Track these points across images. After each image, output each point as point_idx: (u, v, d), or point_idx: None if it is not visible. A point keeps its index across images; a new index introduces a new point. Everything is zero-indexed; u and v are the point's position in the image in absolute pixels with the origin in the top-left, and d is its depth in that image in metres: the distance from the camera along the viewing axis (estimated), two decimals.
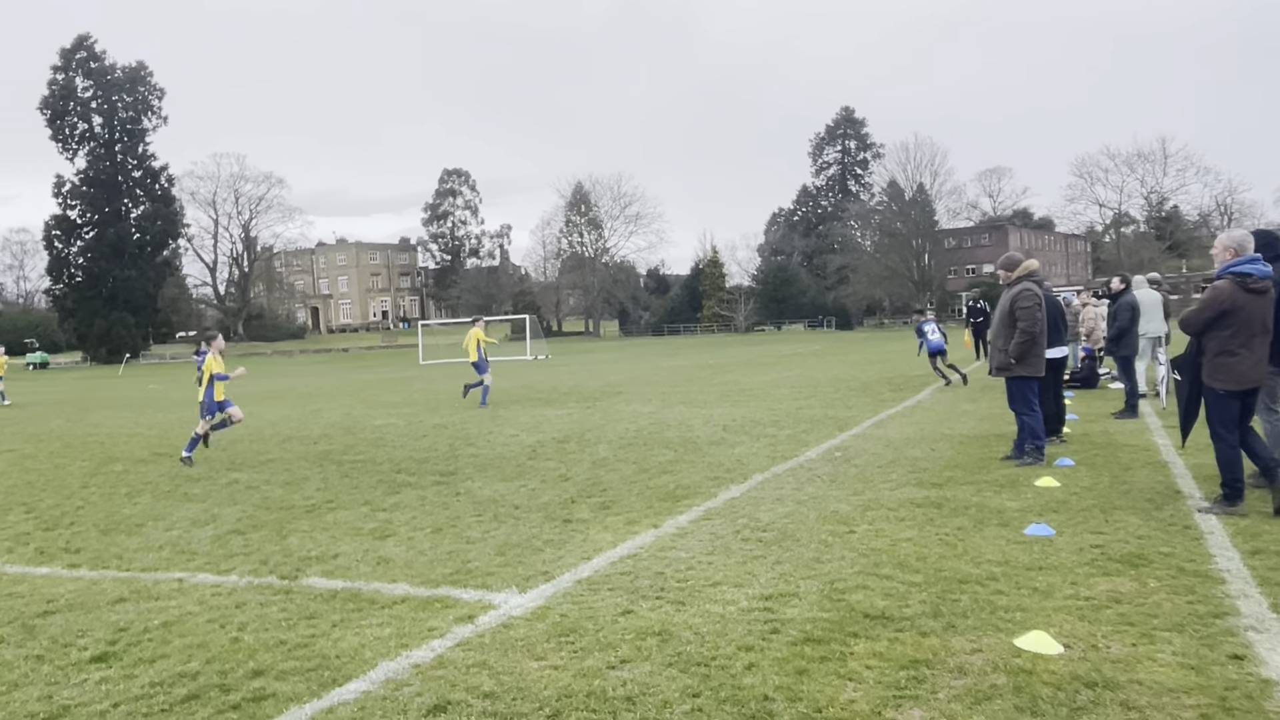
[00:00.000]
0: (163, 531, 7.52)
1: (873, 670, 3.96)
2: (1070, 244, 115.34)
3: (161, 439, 14.81)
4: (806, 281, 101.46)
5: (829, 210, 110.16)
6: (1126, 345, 12.65)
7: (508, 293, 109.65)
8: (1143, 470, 8.32)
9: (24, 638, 4.91)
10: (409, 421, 15.83)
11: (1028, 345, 8.90)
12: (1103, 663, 3.94)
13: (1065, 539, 6.00)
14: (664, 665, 4.11)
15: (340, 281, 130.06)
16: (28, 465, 12.19)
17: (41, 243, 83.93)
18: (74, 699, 4.03)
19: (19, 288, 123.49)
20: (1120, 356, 12.78)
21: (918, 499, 7.46)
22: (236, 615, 5.13)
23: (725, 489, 8.30)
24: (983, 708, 3.56)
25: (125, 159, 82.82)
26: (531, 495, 8.39)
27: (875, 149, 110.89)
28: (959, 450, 9.93)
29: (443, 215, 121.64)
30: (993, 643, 4.22)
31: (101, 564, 6.51)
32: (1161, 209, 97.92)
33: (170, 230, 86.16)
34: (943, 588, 5.06)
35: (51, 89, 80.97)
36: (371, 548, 6.60)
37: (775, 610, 4.80)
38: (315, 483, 9.62)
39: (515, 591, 5.36)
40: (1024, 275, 9.19)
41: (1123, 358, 12.72)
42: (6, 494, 9.82)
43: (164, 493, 9.43)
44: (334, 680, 4.11)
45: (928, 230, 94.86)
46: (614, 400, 18.61)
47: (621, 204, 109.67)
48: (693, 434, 12.35)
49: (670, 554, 6.06)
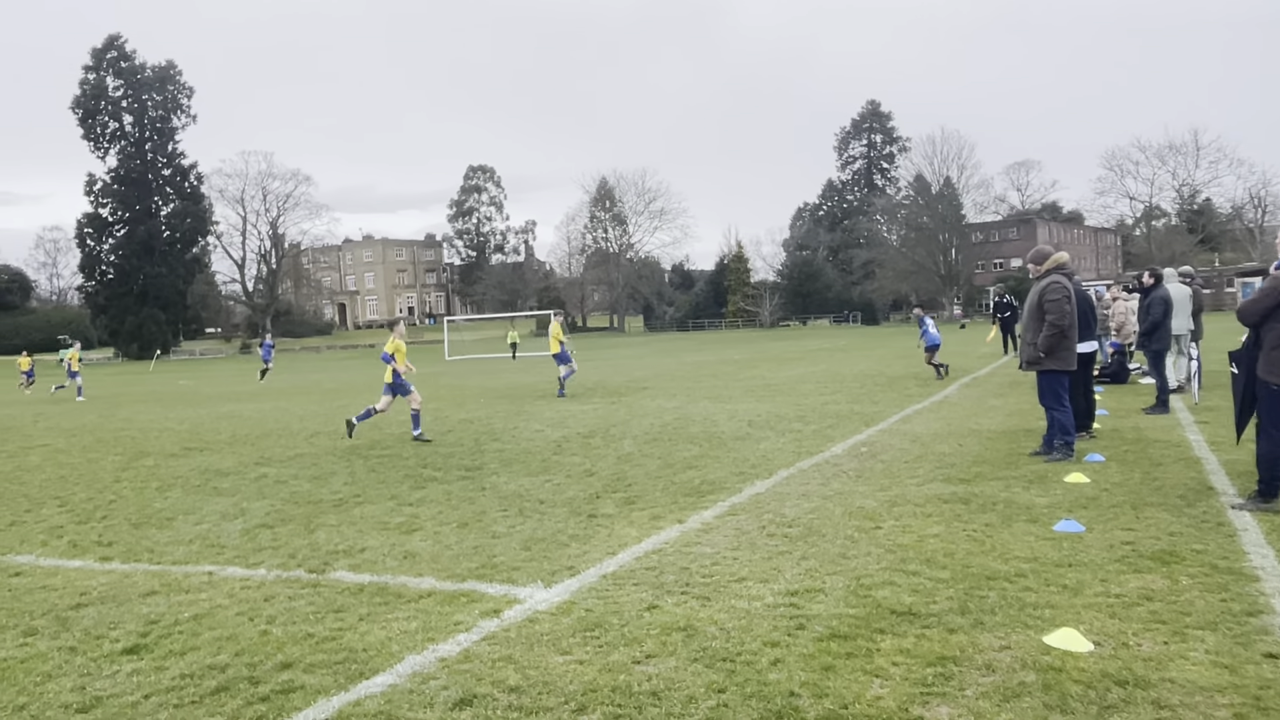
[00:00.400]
0: (193, 525, 7.61)
1: (900, 667, 3.94)
2: (1100, 238, 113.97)
3: (192, 434, 14.98)
4: (832, 276, 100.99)
5: (855, 204, 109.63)
6: (1159, 340, 12.46)
7: (532, 289, 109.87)
8: (1174, 466, 8.21)
9: (58, 629, 4.98)
10: (434, 417, 15.90)
11: (1057, 339, 8.80)
12: (1134, 661, 3.89)
13: (1095, 535, 5.94)
14: (689, 660, 4.11)
15: (367, 278, 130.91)
16: (61, 460, 12.37)
17: (74, 240, 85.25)
18: (106, 690, 4.08)
19: (53, 285, 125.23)
20: (1152, 351, 12.60)
21: (945, 495, 7.40)
22: (265, 608, 5.18)
23: (750, 484, 8.28)
24: (1011, 705, 3.52)
25: (155, 157, 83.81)
26: (557, 490, 8.41)
27: (901, 143, 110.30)
28: (987, 446, 9.85)
29: (468, 211, 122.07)
30: (1021, 640, 4.17)
31: (133, 557, 6.59)
32: (1193, 202, 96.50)
33: (199, 227, 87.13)
34: (970, 584, 5.02)
35: (83, 89, 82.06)
36: (398, 542, 6.64)
37: (801, 606, 4.78)
38: (342, 477, 9.69)
39: (540, 586, 5.37)
40: (1053, 268, 9.09)
41: (1154, 352, 12.54)
42: (41, 488, 9.97)
43: (194, 487, 9.54)
44: (361, 673, 4.14)
45: (954, 224, 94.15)
46: (639, 395, 18.61)
47: (646, 199, 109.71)
48: (718, 429, 12.32)
49: (695, 549, 6.05)
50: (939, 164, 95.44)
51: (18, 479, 10.73)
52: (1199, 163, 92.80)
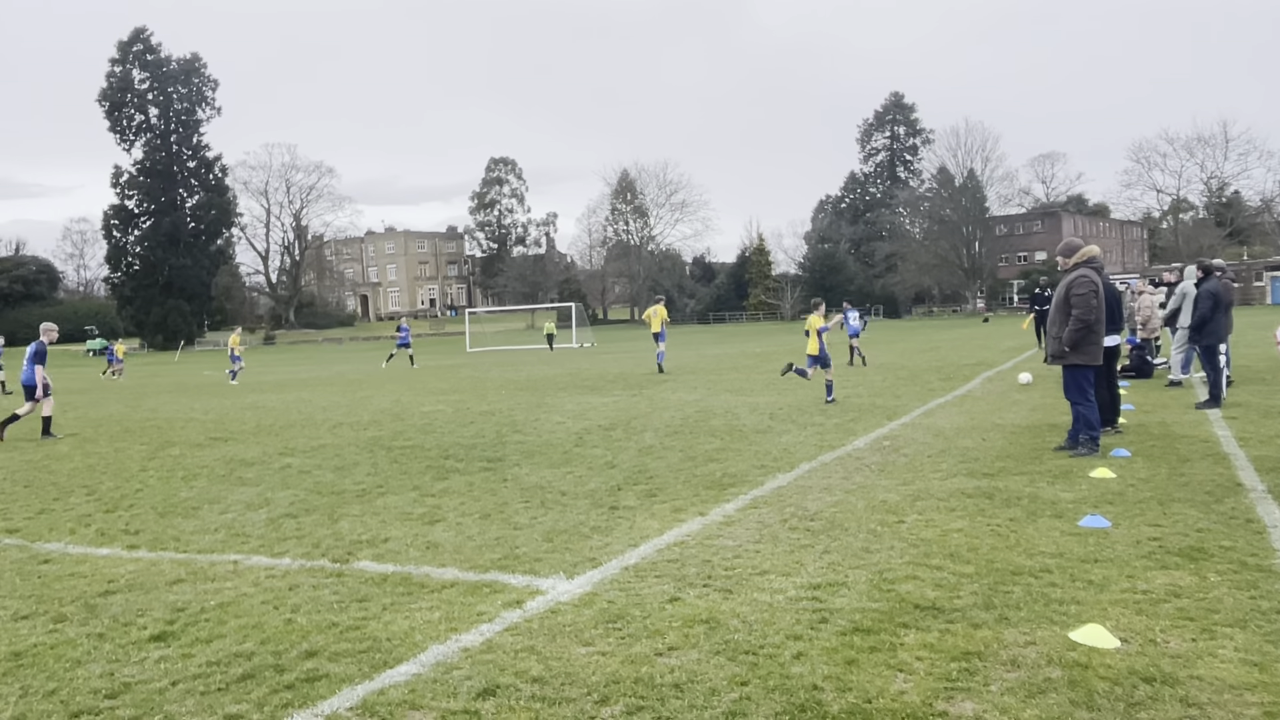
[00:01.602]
0: (218, 514, 7.68)
1: (923, 661, 3.92)
2: (1126, 230, 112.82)
3: (217, 424, 15.11)
4: (854, 269, 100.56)
5: (877, 197, 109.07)
6: (1209, 335, 12.20)
7: (553, 280, 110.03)
8: (1202, 462, 8.12)
9: (86, 616, 5.05)
10: (456, 408, 15.97)
11: (1082, 333, 8.71)
12: (1161, 658, 3.86)
13: (1121, 531, 5.88)
14: (711, 653, 4.10)
15: (389, 270, 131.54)
16: (88, 449, 12.52)
17: (100, 232, 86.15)
18: (134, 677, 4.13)
19: (79, 276, 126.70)
20: (1203, 346, 12.35)
21: (969, 489, 7.36)
22: (290, 597, 5.22)
23: (772, 477, 8.26)
24: (1036, 701, 3.50)
25: (180, 150, 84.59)
26: (578, 482, 8.42)
27: (925, 135, 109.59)
28: (1011, 440, 9.78)
29: (490, 204, 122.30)
30: (1047, 636, 4.14)
31: (160, 545, 6.66)
32: (1222, 194, 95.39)
33: (224, 219, 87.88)
34: (995, 579, 4.98)
35: (109, 81, 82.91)
36: (421, 533, 6.67)
37: (824, 600, 4.76)
38: (365, 468, 9.75)
39: (563, 578, 5.38)
40: (1082, 261, 8.99)
41: (1206, 347, 12.29)
42: (69, 477, 10.09)
43: (219, 476, 9.63)
44: (385, 662, 4.16)
45: (978, 217, 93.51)
46: (660, 388, 18.60)
47: (667, 192, 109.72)
48: (739, 422, 12.30)
49: (717, 542, 6.04)
50: (963, 156, 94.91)
51: (46, 468, 10.86)
52: (1228, 155, 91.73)
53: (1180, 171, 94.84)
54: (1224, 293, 12.36)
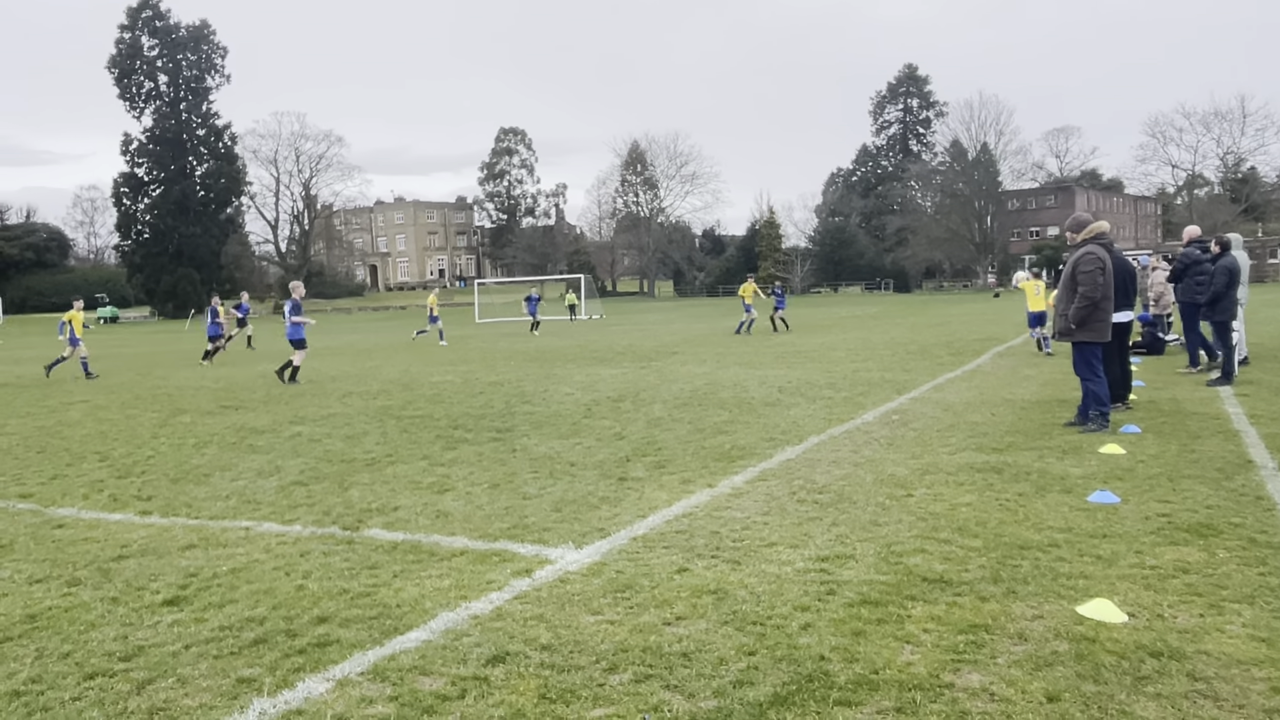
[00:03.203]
0: (229, 481, 7.73)
1: (930, 634, 3.93)
2: (1140, 206, 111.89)
3: (227, 392, 15.18)
4: (864, 243, 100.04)
5: (889, 170, 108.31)
6: (1222, 310, 12.08)
7: (563, 252, 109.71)
8: (1213, 439, 8.10)
9: (100, 580, 5.10)
10: (465, 379, 16.00)
11: (1088, 310, 8.65)
12: (1168, 633, 3.86)
13: (1130, 507, 5.88)
14: (719, 623, 4.13)
15: (398, 240, 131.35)
16: (100, 416, 12.59)
17: (110, 200, 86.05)
18: (148, 640, 4.17)
19: (90, 244, 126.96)
20: (1216, 322, 12.25)
21: (977, 464, 7.35)
22: (301, 564, 5.26)
23: (781, 450, 8.27)
24: (1043, 674, 3.51)
25: (190, 117, 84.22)
26: (587, 453, 8.44)
27: (938, 107, 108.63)
28: (1020, 415, 9.76)
29: (499, 174, 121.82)
30: (1054, 610, 4.15)
31: (172, 511, 6.71)
32: (1238, 170, 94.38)
33: (233, 188, 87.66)
34: (1003, 553, 4.99)
35: (119, 48, 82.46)
36: (430, 501, 6.71)
37: (831, 572, 4.78)
38: (375, 437, 9.79)
39: (571, 547, 5.41)
40: (1090, 237, 8.92)
41: (1219, 323, 12.19)
42: (81, 443, 10.16)
43: (230, 444, 9.68)
44: (395, 629, 4.20)
45: (991, 191, 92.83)
46: (669, 360, 18.60)
47: (678, 163, 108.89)
48: (748, 395, 12.30)
49: (725, 514, 6.06)
50: (976, 129, 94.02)
51: (59, 434, 10.94)
52: (1245, 130, 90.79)
53: (1196, 147, 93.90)
54: (1238, 269, 12.25)
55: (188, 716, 3.41)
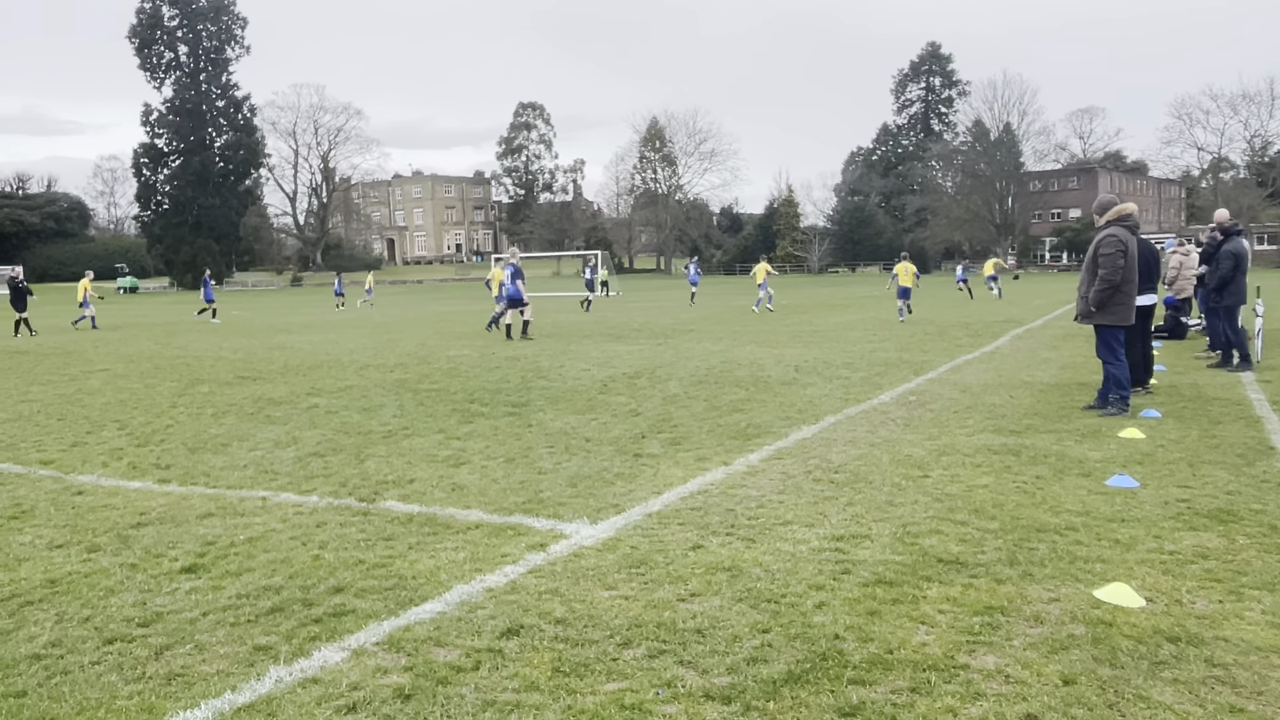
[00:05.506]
0: (247, 451, 7.78)
1: (946, 615, 3.92)
2: (1164, 189, 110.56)
3: (245, 363, 15.26)
4: (883, 223, 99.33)
5: (910, 150, 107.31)
6: (1230, 295, 11.97)
7: (580, 228, 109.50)
8: (1234, 425, 8.02)
9: (119, 546, 5.14)
10: (481, 353, 16.03)
11: (1108, 293, 8.56)
12: (1187, 618, 3.83)
13: (1149, 491, 5.83)
14: (734, 600, 4.13)
15: (416, 214, 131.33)
16: (120, 384, 12.69)
17: (130, 170, 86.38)
18: (166, 607, 4.21)
19: (110, 214, 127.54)
20: (1224, 307, 12.14)
21: (995, 446, 7.31)
22: (317, 534, 5.29)
23: (797, 429, 8.24)
24: (1059, 657, 3.49)
25: (210, 88, 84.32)
26: (603, 429, 8.44)
27: (961, 86, 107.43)
28: (1039, 398, 9.69)
29: (517, 149, 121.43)
30: (1071, 593, 4.13)
31: (190, 480, 6.76)
32: (1265, 154, 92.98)
33: (252, 160, 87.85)
34: (1020, 536, 4.96)
35: (139, 18, 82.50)
36: (446, 474, 6.73)
37: (847, 551, 4.77)
38: (391, 410, 9.82)
39: (586, 522, 5.41)
40: (1114, 220, 8.81)
41: (1226, 308, 12.08)
42: (101, 411, 10.24)
43: (247, 414, 9.74)
44: (411, 600, 4.22)
45: (1013, 172, 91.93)
46: (685, 338, 18.57)
47: (696, 140, 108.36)
48: (764, 373, 12.27)
49: (741, 491, 6.05)
50: (999, 109, 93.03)
51: (79, 401, 11.03)
52: (1274, 113, 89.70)
53: (1223, 129, 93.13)
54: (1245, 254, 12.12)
55: (205, 683, 3.44)
